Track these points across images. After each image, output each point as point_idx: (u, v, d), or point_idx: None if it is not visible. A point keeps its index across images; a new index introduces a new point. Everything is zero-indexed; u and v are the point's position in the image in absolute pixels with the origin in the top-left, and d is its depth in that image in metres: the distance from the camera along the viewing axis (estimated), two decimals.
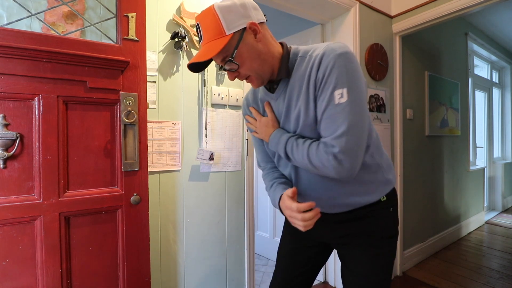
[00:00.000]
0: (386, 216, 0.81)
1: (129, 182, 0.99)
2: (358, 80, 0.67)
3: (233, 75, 0.80)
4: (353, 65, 0.68)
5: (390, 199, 0.81)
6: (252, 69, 0.78)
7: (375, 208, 0.80)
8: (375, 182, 0.79)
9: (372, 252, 0.81)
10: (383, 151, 0.83)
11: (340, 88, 0.66)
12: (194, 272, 1.32)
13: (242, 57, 0.76)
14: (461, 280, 2.16)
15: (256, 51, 0.77)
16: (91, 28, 0.97)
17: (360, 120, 0.66)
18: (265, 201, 2.57)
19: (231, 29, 0.73)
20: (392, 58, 2.21)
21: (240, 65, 0.77)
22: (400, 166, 2.23)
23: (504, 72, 4.31)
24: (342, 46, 0.69)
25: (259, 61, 0.78)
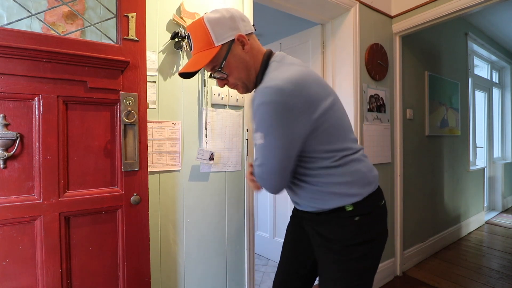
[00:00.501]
0: (350, 225, 0.81)
1: (129, 182, 0.99)
2: (274, 127, 0.73)
3: (223, 83, 0.87)
4: (271, 114, 0.72)
5: (357, 209, 0.80)
6: (239, 78, 0.85)
7: (338, 215, 0.82)
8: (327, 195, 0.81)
9: (333, 258, 0.82)
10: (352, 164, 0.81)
11: (258, 132, 0.76)
12: (194, 272, 1.32)
13: (230, 67, 0.82)
14: (461, 280, 2.16)
15: (243, 61, 0.83)
16: (91, 28, 0.97)
17: (271, 162, 0.77)
18: (265, 201, 2.57)
19: (219, 40, 0.79)
20: (392, 58, 2.21)
21: (228, 75, 0.83)
22: (400, 166, 2.23)
23: (504, 72, 4.31)
24: (268, 93, 0.72)
25: (246, 71, 0.85)
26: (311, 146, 0.78)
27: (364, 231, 0.81)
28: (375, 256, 0.85)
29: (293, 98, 0.71)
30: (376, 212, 0.84)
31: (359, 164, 0.82)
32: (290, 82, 0.72)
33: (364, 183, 0.82)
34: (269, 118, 0.73)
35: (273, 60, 0.84)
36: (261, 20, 2.67)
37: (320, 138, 0.77)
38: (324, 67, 2.07)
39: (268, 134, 0.74)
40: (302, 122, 0.74)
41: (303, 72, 0.77)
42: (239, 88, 0.88)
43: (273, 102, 0.71)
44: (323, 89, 0.80)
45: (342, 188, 0.79)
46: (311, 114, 0.74)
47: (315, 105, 0.75)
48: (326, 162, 0.79)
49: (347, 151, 0.81)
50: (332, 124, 0.79)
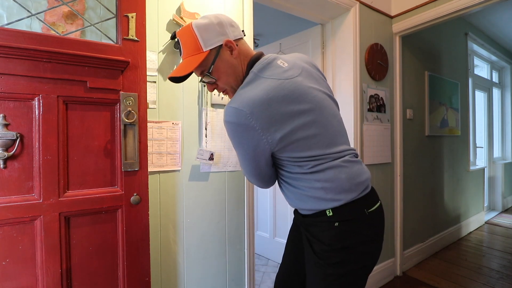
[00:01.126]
0: (328, 230, 0.81)
1: (129, 182, 0.99)
2: (238, 144, 0.80)
3: (212, 87, 0.89)
4: (232, 133, 0.78)
5: (337, 214, 0.80)
6: (228, 83, 0.86)
7: (320, 219, 0.83)
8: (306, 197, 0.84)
9: (314, 260, 0.83)
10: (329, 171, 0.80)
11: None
12: (194, 272, 1.32)
13: (218, 72, 0.84)
14: (461, 280, 2.16)
15: (232, 66, 0.84)
16: (91, 28, 0.97)
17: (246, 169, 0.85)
18: (265, 201, 2.57)
19: (208, 46, 0.80)
20: (392, 58, 2.21)
21: (217, 79, 0.85)
22: (400, 166, 2.23)
23: (504, 72, 4.31)
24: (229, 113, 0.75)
25: (234, 76, 0.86)
26: (282, 155, 0.80)
27: (343, 238, 0.80)
28: (358, 264, 0.82)
29: (251, 121, 0.73)
30: (361, 218, 0.81)
31: (335, 171, 0.80)
32: (251, 104, 0.73)
33: (340, 190, 0.80)
34: (232, 136, 0.79)
35: (252, 71, 0.82)
36: (261, 20, 2.67)
37: (291, 149, 0.78)
38: (324, 67, 2.07)
39: (235, 147, 0.82)
40: (264, 139, 0.76)
41: (273, 88, 0.75)
42: (228, 93, 0.90)
43: (232, 123, 0.75)
44: (299, 102, 0.77)
45: (318, 193, 0.81)
46: (274, 132, 0.75)
47: (281, 123, 0.75)
48: (299, 169, 0.81)
49: (324, 159, 0.80)
50: (306, 137, 0.78)
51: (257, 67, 0.82)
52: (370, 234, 0.83)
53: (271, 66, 0.82)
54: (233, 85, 0.87)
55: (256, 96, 0.74)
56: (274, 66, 0.82)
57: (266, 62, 0.82)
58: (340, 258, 0.80)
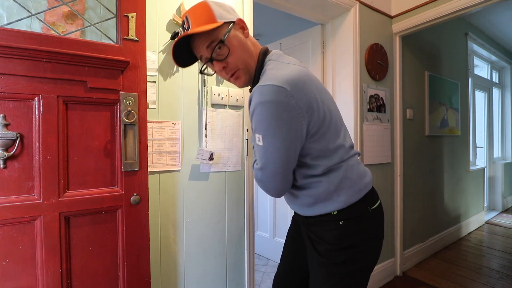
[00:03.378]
0: (333, 229, 0.80)
1: (129, 182, 0.99)
2: (274, 128, 0.70)
3: (221, 65, 0.79)
4: (269, 114, 0.69)
5: (342, 214, 0.79)
6: (242, 59, 0.79)
7: (323, 219, 0.82)
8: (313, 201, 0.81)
9: (320, 260, 0.81)
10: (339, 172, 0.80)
11: (257, 133, 0.73)
12: (194, 272, 1.32)
13: (232, 44, 0.77)
14: (461, 280, 2.16)
15: (244, 45, 0.80)
16: (91, 28, 0.97)
17: (272, 165, 0.74)
18: (265, 201, 2.57)
19: (222, 18, 0.77)
20: (392, 58, 2.21)
21: (230, 53, 0.77)
22: (400, 166, 2.23)
23: (504, 72, 4.31)
24: (266, 92, 0.68)
25: (248, 54, 0.80)
26: (308, 147, 0.77)
27: (348, 236, 0.79)
28: (363, 263, 0.82)
29: (293, 98, 0.69)
30: (365, 216, 0.81)
31: (349, 172, 0.80)
32: (290, 82, 0.70)
33: (353, 191, 0.80)
34: (268, 119, 0.69)
35: (269, 59, 0.81)
36: (261, 20, 2.67)
37: (315, 141, 0.76)
38: (324, 67, 2.07)
39: (267, 135, 0.71)
40: (304, 122, 0.72)
41: (302, 71, 0.75)
42: (240, 76, 0.82)
43: (272, 101, 0.68)
44: (320, 92, 0.78)
45: (330, 196, 0.79)
46: (312, 114, 0.73)
47: (312, 107, 0.73)
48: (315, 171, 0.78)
49: (339, 157, 0.79)
50: (329, 127, 0.77)
51: (275, 55, 0.81)
52: (373, 231, 0.83)
53: (285, 56, 0.82)
54: (247, 64, 0.80)
55: (292, 75, 0.71)
56: (287, 57, 0.82)
57: (280, 53, 0.83)
58: (345, 257, 0.79)
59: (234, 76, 0.82)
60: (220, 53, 0.77)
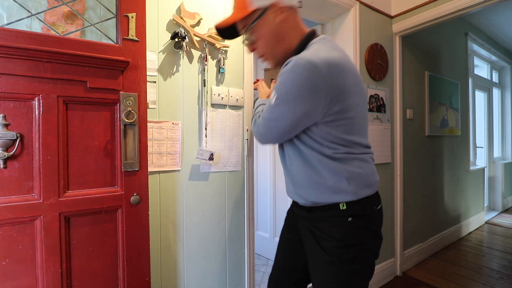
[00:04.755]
0: (342, 225, 0.78)
1: (129, 182, 0.99)
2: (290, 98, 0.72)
3: (252, 47, 0.87)
4: (294, 84, 0.71)
5: (351, 209, 0.78)
6: (267, 47, 0.83)
7: (332, 213, 0.79)
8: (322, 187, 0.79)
9: (326, 258, 0.79)
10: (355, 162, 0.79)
11: (275, 91, 0.75)
12: (194, 272, 1.32)
13: (258, 32, 0.82)
14: (461, 280, 2.16)
15: (275, 31, 0.81)
16: (91, 28, 0.97)
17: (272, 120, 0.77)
18: (265, 201, 2.57)
19: (255, 4, 0.80)
20: (392, 58, 2.21)
21: (257, 39, 0.83)
22: (400, 166, 2.23)
23: (504, 72, 4.31)
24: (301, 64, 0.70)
25: (275, 42, 0.82)
26: (324, 129, 0.75)
27: (356, 233, 0.79)
28: (368, 261, 0.82)
29: (323, 81, 0.69)
30: (371, 215, 0.82)
31: (363, 164, 0.80)
32: (328, 64, 0.70)
33: (364, 184, 0.80)
34: (291, 87, 0.71)
35: (313, 42, 0.81)
36: None
37: (337, 126, 0.75)
38: None
39: (280, 98, 0.74)
40: (321, 107, 0.71)
41: (344, 60, 0.75)
42: (268, 59, 0.87)
43: (301, 75, 0.69)
44: (356, 85, 0.78)
45: (340, 183, 0.77)
46: (335, 103, 0.72)
47: (342, 96, 0.73)
48: (330, 151, 0.77)
49: (354, 149, 0.79)
50: (353, 117, 0.77)
51: (320, 39, 0.81)
52: (376, 230, 0.84)
53: (332, 42, 0.82)
54: (272, 51, 0.84)
55: (333, 58, 0.72)
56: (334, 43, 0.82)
57: (327, 39, 0.83)
58: (352, 254, 0.78)
59: (262, 58, 0.87)
60: (249, 38, 0.84)
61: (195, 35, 1.27)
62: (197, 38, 1.28)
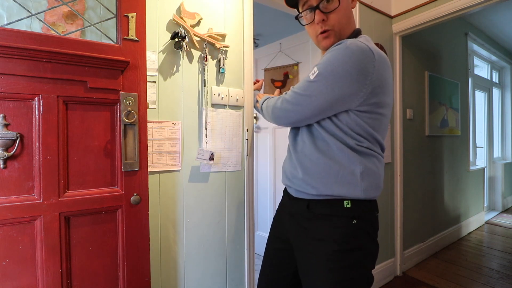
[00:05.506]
0: (345, 226, 0.75)
1: (129, 182, 0.99)
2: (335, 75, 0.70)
3: (322, 17, 0.81)
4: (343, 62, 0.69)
5: (356, 209, 0.76)
6: (340, 22, 0.81)
7: (334, 212, 0.76)
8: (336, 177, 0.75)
9: (325, 264, 0.75)
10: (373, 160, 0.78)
11: (316, 67, 0.74)
12: (194, 272, 1.32)
13: (341, 3, 0.80)
14: (461, 280, 2.16)
15: (348, 13, 0.83)
16: (91, 28, 0.97)
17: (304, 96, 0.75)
18: (265, 201, 2.57)
19: None
20: (392, 58, 2.21)
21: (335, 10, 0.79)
22: (400, 166, 2.23)
23: (504, 72, 4.31)
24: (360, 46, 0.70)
25: (346, 21, 0.83)
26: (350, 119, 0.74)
27: (357, 237, 0.76)
28: (366, 268, 0.79)
29: (373, 68, 0.70)
30: (373, 219, 0.81)
31: (378, 164, 0.81)
32: (379, 55, 0.72)
33: (375, 184, 0.79)
34: (339, 64, 0.69)
35: (362, 36, 0.82)
36: (261, 20, 2.67)
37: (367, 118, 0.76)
38: None
39: (323, 75, 0.71)
40: (361, 93, 0.71)
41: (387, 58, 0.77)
42: (331, 36, 0.82)
43: (355, 54, 0.68)
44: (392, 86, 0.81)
45: (353, 175, 0.75)
46: (373, 95, 0.72)
47: (382, 90, 0.74)
48: (352, 141, 0.76)
49: (375, 147, 0.80)
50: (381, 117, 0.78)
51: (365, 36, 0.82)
52: (373, 236, 0.83)
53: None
54: (342, 29, 0.82)
55: (379, 51, 0.74)
56: None
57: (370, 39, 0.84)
58: (353, 260, 0.75)
59: (325, 34, 0.83)
60: (328, 6, 0.80)
61: (195, 35, 1.27)
62: (197, 38, 1.28)
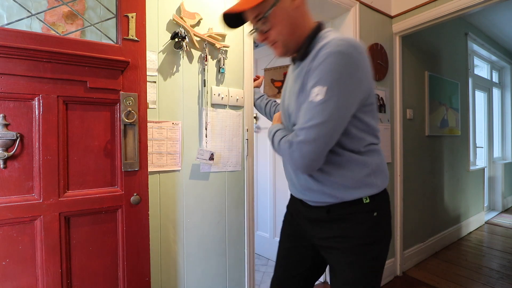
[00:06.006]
0: (368, 221, 0.76)
1: (129, 182, 0.99)
2: (344, 82, 0.66)
3: (262, 36, 0.81)
4: (342, 65, 0.66)
5: (374, 202, 0.77)
6: (281, 34, 0.79)
7: (355, 210, 0.77)
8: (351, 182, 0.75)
9: (352, 259, 0.77)
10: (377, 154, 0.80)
11: (319, 86, 0.66)
12: (194, 272, 1.32)
13: (275, 18, 0.77)
14: (461, 280, 2.16)
15: (290, 18, 0.78)
16: (91, 28, 0.97)
17: (326, 122, 0.66)
18: (265, 201, 2.57)
19: None
20: (392, 58, 2.21)
21: (272, 27, 0.78)
22: (400, 166, 2.23)
23: (504, 72, 4.31)
24: (344, 44, 0.67)
25: (290, 29, 0.79)
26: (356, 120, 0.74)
27: (379, 229, 0.79)
28: (384, 259, 0.82)
29: (364, 60, 0.70)
30: (388, 209, 0.83)
31: (380, 155, 0.82)
32: (361, 46, 0.70)
33: (384, 175, 0.81)
34: (340, 70, 0.66)
35: (327, 31, 0.79)
36: None
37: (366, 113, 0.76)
38: None
39: (332, 87, 0.66)
40: (365, 87, 0.71)
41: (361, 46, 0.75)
42: (277, 47, 0.81)
43: (349, 53, 0.66)
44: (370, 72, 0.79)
45: (367, 177, 0.76)
46: (369, 84, 0.73)
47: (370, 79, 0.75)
48: (357, 144, 0.76)
49: (375, 138, 0.80)
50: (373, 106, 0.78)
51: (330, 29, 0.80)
52: (390, 225, 0.85)
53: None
54: (287, 38, 0.79)
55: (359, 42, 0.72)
56: None
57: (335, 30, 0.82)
58: (376, 252, 0.78)
59: (273, 46, 0.83)
60: (263, 27, 0.78)
61: (195, 35, 1.27)
62: (197, 38, 1.28)
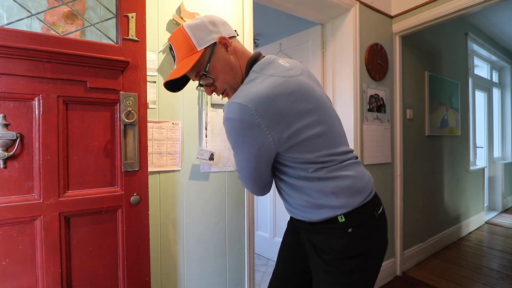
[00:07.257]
0: (342, 237, 0.77)
1: (129, 182, 0.99)
2: (240, 143, 0.74)
3: (210, 89, 0.85)
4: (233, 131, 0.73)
5: (350, 220, 0.77)
6: (227, 81, 0.82)
7: (331, 226, 0.79)
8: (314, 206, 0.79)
9: (324, 268, 0.79)
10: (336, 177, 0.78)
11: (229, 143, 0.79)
12: (194, 272, 1.32)
13: (215, 70, 0.80)
14: (461, 280, 2.16)
15: (229, 64, 0.81)
16: (91, 28, 0.97)
17: (243, 172, 0.81)
18: (265, 201, 2.57)
19: (201, 45, 0.78)
20: (392, 58, 2.21)
21: (215, 79, 0.81)
22: (400, 166, 2.23)
23: (504, 72, 4.31)
24: (231, 109, 0.70)
25: (232, 73, 0.82)
26: (288, 155, 0.76)
27: (357, 244, 0.78)
28: (370, 270, 0.81)
29: (257, 118, 0.69)
30: (371, 223, 0.80)
31: (344, 173, 0.78)
32: (256, 100, 0.69)
33: (353, 192, 0.78)
34: (233, 134, 0.74)
35: (253, 70, 0.80)
36: (261, 20, 2.67)
37: (297, 149, 0.75)
38: (324, 67, 2.07)
39: (234, 147, 0.77)
40: (270, 138, 0.72)
41: (279, 85, 0.73)
42: (228, 94, 0.85)
43: (235, 119, 0.70)
44: (304, 101, 0.75)
45: (329, 200, 0.77)
46: (281, 131, 0.72)
47: (287, 122, 0.72)
48: (305, 172, 0.77)
49: (331, 162, 0.78)
50: (312, 136, 0.75)
51: (259, 66, 0.79)
52: (380, 237, 0.82)
53: (273, 64, 0.80)
54: (232, 84, 0.83)
55: (262, 92, 0.70)
56: (276, 65, 0.80)
57: (268, 62, 0.80)
58: (353, 266, 0.77)
59: (223, 94, 0.87)
60: (206, 81, 0.81)
61: None
62: None
